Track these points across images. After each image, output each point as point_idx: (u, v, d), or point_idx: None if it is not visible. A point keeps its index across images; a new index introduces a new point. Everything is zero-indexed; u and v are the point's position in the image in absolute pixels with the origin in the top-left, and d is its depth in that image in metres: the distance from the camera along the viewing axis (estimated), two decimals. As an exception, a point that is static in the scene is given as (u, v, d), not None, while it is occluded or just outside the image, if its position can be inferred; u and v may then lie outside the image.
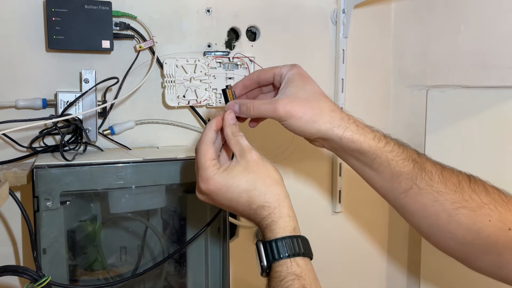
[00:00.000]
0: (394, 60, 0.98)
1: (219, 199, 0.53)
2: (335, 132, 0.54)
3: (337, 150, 0.58)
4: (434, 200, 0.54)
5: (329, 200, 0.96)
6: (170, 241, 0.75)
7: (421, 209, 0.55)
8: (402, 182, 0.55)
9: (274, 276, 0.48)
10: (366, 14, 0.94)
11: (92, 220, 0.72)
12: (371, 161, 0.55)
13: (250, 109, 0.56)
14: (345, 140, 0.54)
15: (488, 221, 0.51)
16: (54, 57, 0.72)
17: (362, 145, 0.54)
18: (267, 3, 0.85)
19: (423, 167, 0.55)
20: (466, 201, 0.52)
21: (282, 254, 0.48)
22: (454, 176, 0.55)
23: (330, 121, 0.54)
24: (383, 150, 0.55)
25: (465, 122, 0.81)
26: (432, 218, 0.54)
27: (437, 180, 0.54)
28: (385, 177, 0.56)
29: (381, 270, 1.03)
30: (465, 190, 0.53)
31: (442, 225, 0.54)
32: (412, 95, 0.94)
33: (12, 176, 0.61)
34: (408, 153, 0.56)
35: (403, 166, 0.55)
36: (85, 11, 0.68)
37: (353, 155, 0.56)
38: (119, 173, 0.64)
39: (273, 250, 0.49)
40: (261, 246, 0.50)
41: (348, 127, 0.54)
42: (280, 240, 0.49)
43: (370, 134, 0.55)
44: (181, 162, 0.68)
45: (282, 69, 0.58)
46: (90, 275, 0.71)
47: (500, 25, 0.74)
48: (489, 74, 0.76)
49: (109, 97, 0.74)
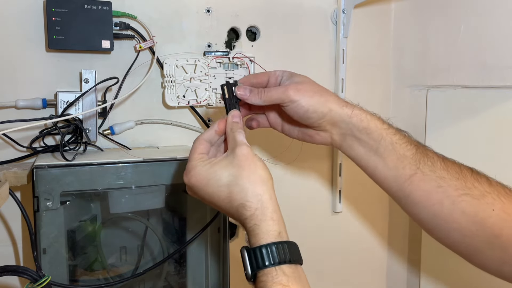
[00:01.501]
0: (394, 60, 0.98)
1: (201, 193, 0.51)
2: (345, 111, 0.56)
3: (344, 136, 0.58)
4: (437, 186, 0.53)
5: (329, 200, 0.96)
6: (170, 241, 0.75)
7: (425, 197, 0.54)
8: (406, 167, 0.55)
9: (259, 286, 0.46)
10: (366, 14, 0.94)
11: (92, 220, 0.72)
12: (377, 144, 0.56)
13: (261, 93, 0.57)
14: (355, 118, 0.56)
15: (492, 210, 0.51)
16: (54, 57, 0.72)
17: (369, 123, 0.56)
18: (267, 3, 0.85)
19: (425, 153, 0.55)
20: (469, 188, 0.52)
21: (267, 262, 0.45)
22: (456, 165, 0.55)
23: (338, 102, 0.56)
24: (388, 132, 0.56)
25: (465, 122, 0.81)
26: (436, 206, 0.54)
27: (439, 166, 0.54)
28: (389, 164, 0.56)
29: (381, 269, 1.03)
30: (467, 178, 0.53)
31: (445, 213, 0.53)
32: (412, 95, 0.94)
33: (12, 176, 0.61)
34: (409, 139, 0.57)
35: (407, 149, 0.55)
36: (85, 11, 0.68)
37: (361, 138, 0.56)
38: (119, 173, 0.64)
39: (257, 258, 0.46)
40: (245, 254, 0.47)
41: (355, 107, 0.57)
42: (265, 247, 0.46)
43: (374, 115, 0.57)
44: (181, 162, 0.67)
45: (276, 71, 0.61)
46: (90, 275, 0.71)
47: (500, 25, 0.74)
48: (489, 74, 0.76)
49: (109, 97, 0.74)
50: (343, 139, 0.58)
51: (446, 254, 0.58)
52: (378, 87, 0.98)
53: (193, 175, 0.51)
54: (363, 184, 0.97)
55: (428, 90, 0.88)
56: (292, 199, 0.91)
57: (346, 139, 0.58)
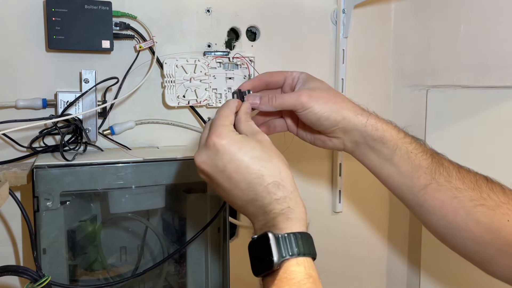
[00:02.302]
0: (394, 60, 0.98)
1: (225, 161, 0.45)
2: (359, 119, 0.54)
3: (357, 144, 0.56)
4: (452, 197, 0.53)
5: (329, 200, 0.96)
6: (170, 241, 0.75)
7: (440, 206, 0.54)
8: (421, 177, 0.54)
9: (284, 277, 0.40)
10: (366, 14, 0.94)
11: (92, 220, 0.72)
12: (392, 153, 0.55)
13: (272, 99, 0.55)
14: (370, 128, 0.54)
15: (507, 221, 0.51)
16: (54, 57, 0.72)
17: (384, 133, 0.54)
18: (267, 3, 0.85)
19: (440, 162, 0.55)
20: (484, 199, 0.52)
21: (305, 251, 0.41)
22: (471, 175, 0.54)
23: (353, 109, 0.55)
24: (403, 141, 0.55)
25: (465, 122, 0.81)
26: (450, 215, 0.53)
27: (455, 176, 0.53)
28: (404, 173, 0.55)
29: (381, 269, 1.03)
30: (483, 189, 0.53)
31: (460, 223, 0.53)
32: (412, 95, 0.94)
33: (12, 176, 0.61)
34: (425, 148, 0.56)
35: (422, 159, 0.54)
36: (85, 11, 0.68)
37: (375, 147, 0.55)
38: (119, 173, 0.64)
39: (292, 244, 0.41)
40: (272, 237, 0.41)
41: (370, 115, 0.55)
42: (304, 235, 0.42)
43: (390, 124, 0.56)
44: (181, 162, 0.67)
45: (293, 72, 0.59)
46: (90, 275, 0.71)
47: (500, 25, 0.74)
48: (489, 74, 0.76)
49: (109, 97, 0.74)
50: (356, 147, 0.57)
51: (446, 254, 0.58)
52: (378, 87, 0.98)
53: (225, 137, 0.46)
54: (363, 184, 0.97)
55: (428, 90, 0.88)
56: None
57: (360, 147, 0.57)
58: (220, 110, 0.51)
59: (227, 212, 0.71)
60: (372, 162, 0.57)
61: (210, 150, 0.47)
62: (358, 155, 0.58)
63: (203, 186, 0.71)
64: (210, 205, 0.71)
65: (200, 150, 0.48)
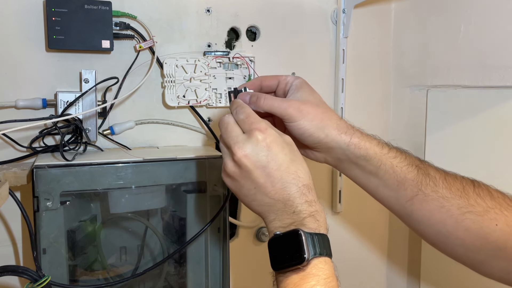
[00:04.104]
0: (394, 60, 0.98)
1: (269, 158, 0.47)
2: (342, 138, 0.54)
3: (341, 161, 0.57)
4: (440, 206, 0.53)
5: (329, 200, 0.96)
6: (170, 241, 0.75)
7: (428, 216, 0.54)
8: (408, 189, 0.55)
9: (312, 272, 0.44)
10: (366, 14, 0.94)
11: (92, 220, 0.72)
12: (376, 169, 0.55)
13: (260, 99, 0.54)
14: (352, 146, 0.54)
15: (495, 225, 0.51)
16: (54, 57, 0.72)
17: (368, 151, 0.54)
18: (267, 3, 0.85)
19: (426, 173, 0.55)
20: (472, 206, 0.52)
21: (329, 252, 0.46)
22: (458, 182, 0.54)
23: (338, 128, 0.54)
24: (387, 156, 0.55)
25: (465, 122, 0.81)
26: (439, 225, 0.54)
27: (441, 185, 0.54)
28: (390, 185, 0.55)
29: (381, 270, 1.03)
30: (470, 195, 0.53)
31: (449, 231, 0.53)
32: (412, 95, 0.94)
33: (12, 176, 0.61)
34: (410, 159, 0.56)
35: (408, 172, 0.54)
36: (85, 11, 0.68)
37: (358, 163, 0.55)
38: (119, 173, 0.64)
39: (321, 244, 0.45)
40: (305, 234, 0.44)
41: (354, 134, 0.55)
42: (326, 237, 0.46)
43: (374, 140, 0.56)
44: (181, 162, 0.67)
45: (287, 77, 0.59)
46: (90, 275, 0.71)
47: (500, 25, 0.74)
48: (489, 74, 0.76)
49: (109, 97, 0.74)
50: (340, 163, 0.57)
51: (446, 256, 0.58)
52: (378, 87, 0.98)
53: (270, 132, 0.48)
54: (363, 184, 0.97)
55: (428, 90, 0.88)
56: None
57: (343, 163, 0.57)
58: (240, 107, 0.52)
59: (227, 212, 0.71)
60: (357, 176, 0.58)
61: (256, 145, 0.47)
62: (342, 169, 0.59)
63: (203, 186, 0.71)
64: (210, 205, 0.72)
65: (243, 142, 0.48)
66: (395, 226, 1.01)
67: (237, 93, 0.58)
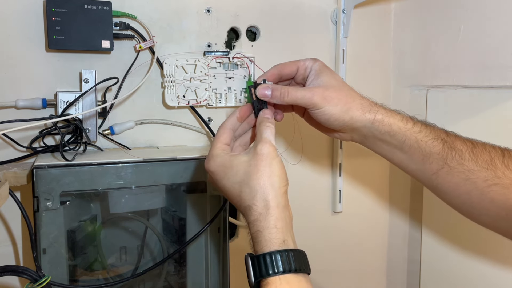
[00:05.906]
0: (394, 60, 0.98)
1: (217, 183, 0.52)
2: (367, 117, 0.55)
3: (366, 138, 0.57)
4: (465, 179, 0.53)
5: (329, 200, 0.96)
6: (170, 241, 0.75)
7: (453, 188, 0.55)
8: (433, 163, 0.55)
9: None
10: (366, 14, 0.94)
11: (92, 220, 0.72)
12: (401, 144, 0.55)
13: (284, 94, 0.55)
14: (377, 124, 0.55)
15: None
16: (54, 57, 0.72)
17: (392, 127, 0.55)
18: (267, 3, 0.85)
19: (452, 146, 0.55)
20: (499, 178, 0.52)
21: (271, 271, 0.44)
22: (486, 153, 0.54)
23: (362, 108, 0.55)
24: (412, 131, 0.55)
25: (465, 122, 0.81)
26: (465, 196, 0.54)
27: (467, 158, 0.54)
28: (415, 159, 0.56)
29: (381, 270, 1.03)
30: (498, 167, 0.53)
31: (474, 202, 0.54)
32: (412, 95, 0.94)
33: (12, 176, 0.61)
34: (436, 133, 0.56)
35: (433, 146, 0.55)
36: (85, 11, 0.68)
37: (383, 139, 0.56)
38: (119, 173, 0.64)
39: (261, 266, 0.45)
40: (249, 261, 0.46)
41: (378, 111, 0.56)
42: (269, 255, 0.45)
43: (398, 116, 0.56)
44: (181, 162, 0.67)
45: (306, 62, 0.59)
46: (90, 275, 0.71)
47: (500, 25, 0.74)
48: (489, 74, 0.76)
49: (109, 97, 0.74)
50: (365, 139, 0.58)
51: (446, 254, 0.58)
52: (378, 87, 0.98)
53: (212, 164, 0.51)
54: (363, 184, 0.97)
55: (428, 90, 0.88)
56: (292, 199, 0.90)
57: (368, 139, 0.58)
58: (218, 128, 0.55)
59: (227, 212, 0.71)
60: (383, 150, 0.58)
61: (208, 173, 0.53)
62: (367, 145, 0.59)
63: (203, 186, 0.71)
64: (210, 205, 0.71)
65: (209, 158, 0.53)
66: (395, 226, 1.01)
67: (256, 86, 0.56)
